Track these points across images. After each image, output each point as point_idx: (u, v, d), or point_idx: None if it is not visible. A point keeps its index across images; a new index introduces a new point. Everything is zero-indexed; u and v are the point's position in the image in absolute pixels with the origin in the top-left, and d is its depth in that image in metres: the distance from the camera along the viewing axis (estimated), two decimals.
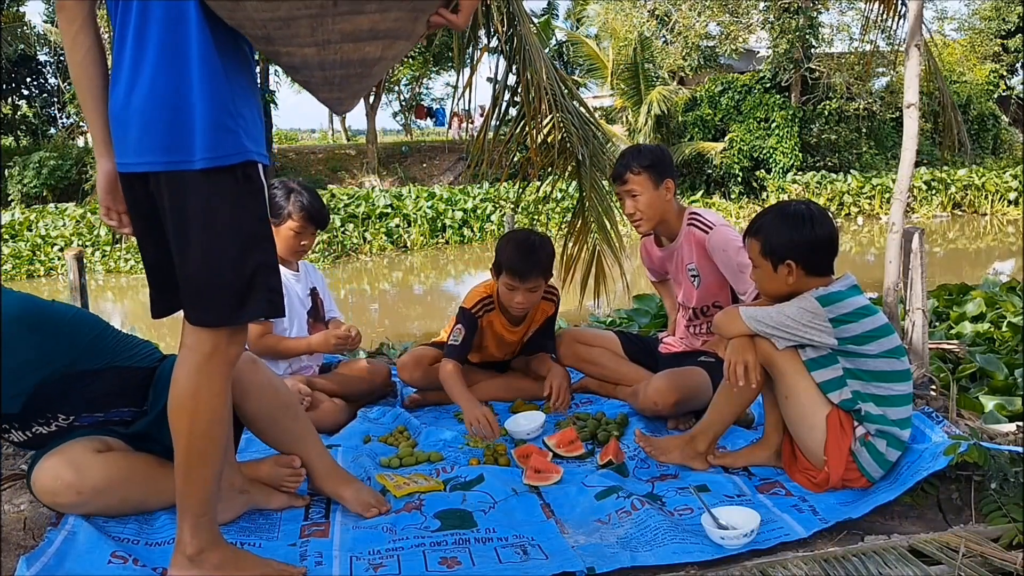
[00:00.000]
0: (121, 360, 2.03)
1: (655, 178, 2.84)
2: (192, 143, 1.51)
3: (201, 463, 1.69)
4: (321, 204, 3.04)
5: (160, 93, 1.51)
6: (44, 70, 23.23)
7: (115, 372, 2.01)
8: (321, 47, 1.46)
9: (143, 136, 1.54)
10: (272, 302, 1.64)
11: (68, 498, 1.95)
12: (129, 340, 2.09)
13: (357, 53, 1.48)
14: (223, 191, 1.55)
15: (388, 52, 1.52)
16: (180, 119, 1.51)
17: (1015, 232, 15.47)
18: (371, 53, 1.49)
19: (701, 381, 2.77)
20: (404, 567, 1.86)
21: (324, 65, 1.49)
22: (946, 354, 3.84)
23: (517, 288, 2.92)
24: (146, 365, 2.08)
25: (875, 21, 4.46)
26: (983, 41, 21.14)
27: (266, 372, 2.12)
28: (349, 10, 1.43)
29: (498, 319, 3.12)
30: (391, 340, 5.65)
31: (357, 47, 1.47)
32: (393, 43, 1.51)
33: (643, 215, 2.88)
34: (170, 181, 1.54)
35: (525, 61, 4.17)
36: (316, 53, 1.47)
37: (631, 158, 2.86)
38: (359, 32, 1.45)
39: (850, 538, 1.98)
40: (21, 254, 13.27)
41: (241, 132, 1.55)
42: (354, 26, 1.44)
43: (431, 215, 15.32)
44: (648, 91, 17.75)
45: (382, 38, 1.48)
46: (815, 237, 2.20)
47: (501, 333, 3.15)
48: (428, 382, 3.14)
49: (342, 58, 1.48)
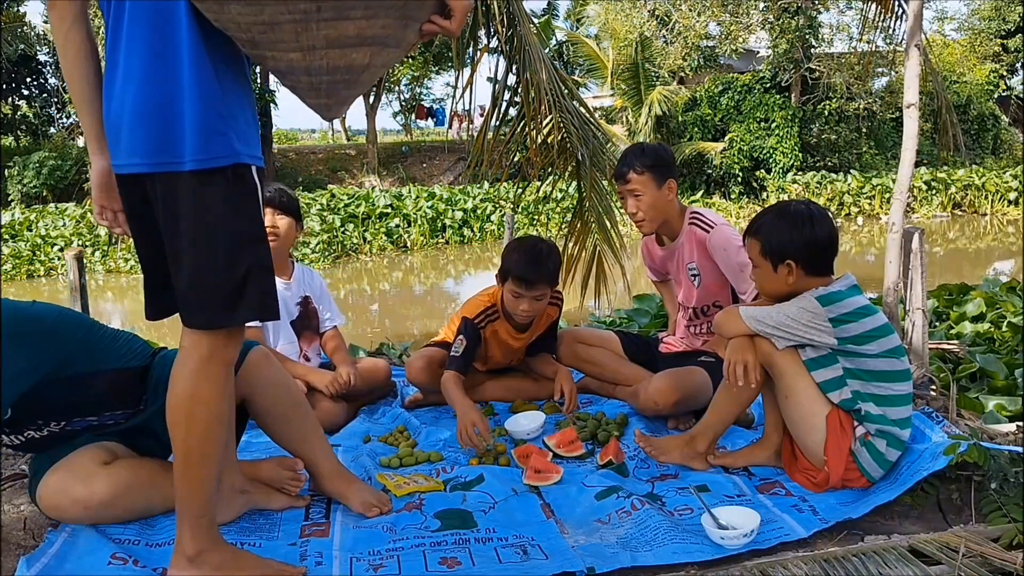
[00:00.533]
0: (112, 361, 2.00)
1: (658, 178, 2.84)
2: (182, 145, 1.51)
3: (200, 464, 1.69)
4: (283, 189, 3.04)
5: (151, 95, 1.51)
6: (44, 70, 23.22)
7: (106, 375, 1.99)
8: (306, 52, 1.43)
9: (135, 138, 1.54)
10: (265, 304, 1.64)
11: (75, 514, 1.95)
12: (119, 338, 2.06)
13: (343, 60, 1.45)
14: (214, 193, 1.55)
15: (377, 59, 1.49)
16: (170, 121, 1.51)
17: (1015, 232, 15.47)
18: (358, 60, 1.46)
19: (701, 381, 2.77)
20: (404, 567, 1.86)
21: (310, 70, 1.46)
22: (946, 354, 3.84)
23: (523, 296, 2.90)
24: (137, 365, 2.05)
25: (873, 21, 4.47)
26: (983, 41, 21.14)
27: (278, 368, 2.12)
28: (334, 16, 1.40)
29: (503, 327, 3.09)
30: (391, 340, 5.65)
31: (343, 53, 1.44)
32: (382, 50, 1.48)
33: (646, 215, 2.87)
34: (162, 182, 1.55)
35: (525, 61, 4.17)
36: (302, 58, 1.44)
37: (633, 158, 2.86)
38: (345, 38, 1.43)
39: (850, 538, 1.98)
40: (21, 254, 13.27)
41: (232, 134, 1.54)
42: (340, 32, 1.41)
43: (431, 215, 15.31)
44: (648, 91, 17.75)
45: (369, 45, 1.45)
46: (815, 237, 2.20)
47: (506, 341, 3.12)
48: (435, 384, 3.09)
49: (328, 64, 1.45)
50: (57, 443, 2.03)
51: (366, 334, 8.43)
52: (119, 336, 2.08)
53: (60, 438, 2.02)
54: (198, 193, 1.53)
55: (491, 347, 3.14)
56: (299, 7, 1.38)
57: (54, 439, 2.02)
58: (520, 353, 3.23)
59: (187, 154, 1.51)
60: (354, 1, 1.40)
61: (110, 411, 2.05)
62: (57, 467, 1.97)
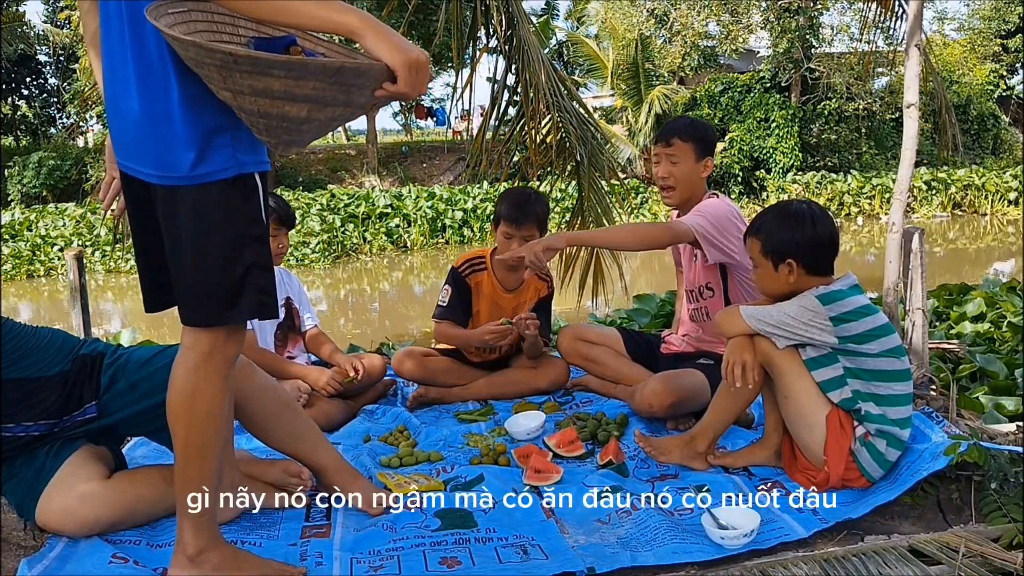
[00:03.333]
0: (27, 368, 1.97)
1: (699, 151, 2.87)
2: (180, 159, 1.52)
3: (200, 463, 1.69)
4: (286, 204, 3.10)
5: (147, 110, 1.52)
6: (44, 70, 23.25)
7: (23, 382, 1.96)
8: (236, 95, 1.41)
9: (137, 147, 1.56)
10: (264, 303, 1.64)
11: (82, 534, 1.93)
12: (35, 341, 2.01)
13: (276, 109, 1.41)
14: (214, 201, 1.55)
15: (319, 115, 1.44)
16: (166, 136, 1.52)
17: (1015, 232, 15.47)
18: (293, 112, 1.42)
19: (698, 383, 2.76)
20: (404, 567, 1.86)
21: (243, 110, 1.44)
22: (946, 354, 3.83)
23: (513, 236, 3.03)
24: (55, 372, 2.00)
25: (873, 21, 4.47)
26: (983, 41, 21.14)
27: (261, 374, 2.11)
28: (253, 70, 1.36)
29: (488, 280, 3.18)
30: (391, 340, 5.64)
31: (274, 103, 1.40)
32: (323, 108, 1.42)
33: (676, 183, 2.89)
34: (162, 192, 1.56)
35: (524, 61, 4.17)
36: (232, 98, 1.42)
37: (682, 125, 2.90)
38: (271, 91, 1.38)
39: (850, 538, 1.98)
40: (21, 254, 13.27)
41: (232, 145, 1.55)
42: (264, 85, 1.38)
43: (431, 215, 15.31)
44: (648, 91, 17.75)
45: (303, 101, 1.40)
46: (816, 236, 2.20)
47: (492, 296, 3.19)
48: (422, 373, 3.20)
49: (259, 109, 1.42)
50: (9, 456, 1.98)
51: (366, 334, 8.42)
52: (39, 339, 2.03)
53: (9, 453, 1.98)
54: (198, 203, 1.54)
55: (478, 300, 3.21)
56: (217, 56, 1.36)
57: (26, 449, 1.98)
58: (509, 317, 3.18)
59: (186, 169, 1.52)
60: (274, 66, 1.36)
61: (36, 420, 1.98)
62: (54, 490, 1.94)
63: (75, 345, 2.08)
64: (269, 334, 3.11)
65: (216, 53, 1.36)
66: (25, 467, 1.99)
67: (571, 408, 3.09)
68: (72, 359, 2.04)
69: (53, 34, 21.23)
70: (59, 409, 2.01)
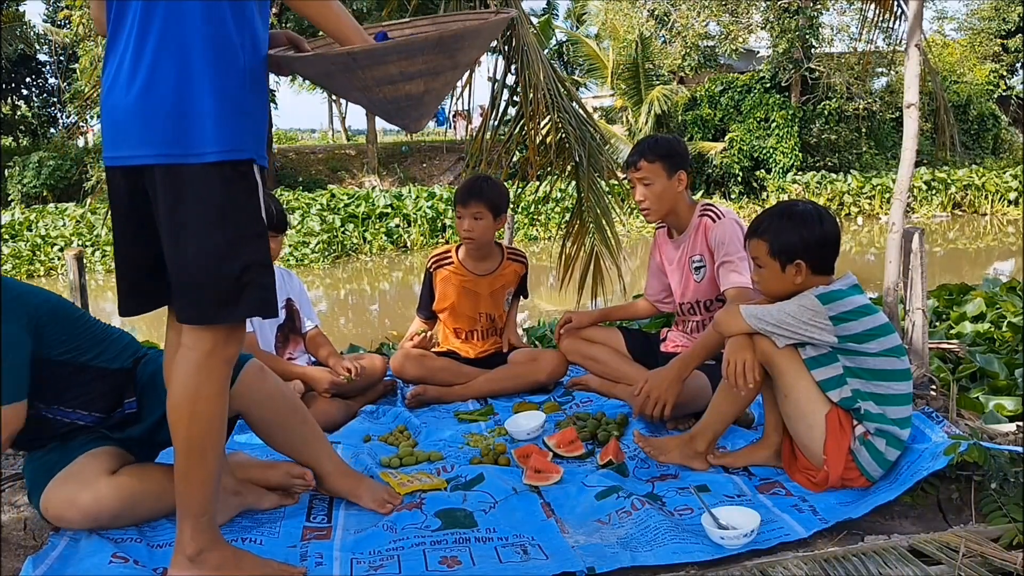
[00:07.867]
0: (93, 356, 2.01)
1: (668, 168, 2.88)
2: (194, 137, 1.53)
3: (201, 463, 1.69)
4: (280, 206, 3.09)
5: (162, 88, 1.52)
6: (44, 70, 23.24)
7: (86, 369, 1.99)
8: (364, 91, 1.61)
9: (144, 129, 1.55)
10: (264, 300, 1.64)
11: (81, 524, 1.93)
12: (108, 335, 2.06)
13: (398, 92, 1.61)
14: (219, 186, 1.56)
15: (433, 84, 1.63)
16: (184, 113, 1.53)
17: (1015, 232, 15.47)
18: (412, 90, 1.62)
19: (697, 384, 2.76)
20: (404, 566, 1.86)
21: (374, 103, 1.65)
22: (946, 354, 3.83)
23: (463, 216, 3.24)
24: (118, 366, 2.05)
25: (873, 21, 4.47)
26: (983, 41, 21.15)
27: (273, 379, 2.10)
28: (371, 63, 1.56)
29: (457, 271, 3.37)
30: (391, 340, 5.64)
31: (395, 87, 1.60)
32: (435, 77, 1.63)
33: (651, 204, 2.91)
34: (167, 174, 1.55)
35: (524, 61, 4.17)
36: (363, 95, 1.63)
37: (647, 146, 2.92)
38: (390, 77, 1.58)
39: (850, 538, 1.98)
40: (21, 254, 13.26)
41: (246, 130, 1.58)
42: (383, 73, 1.58)
43: (431, 215, 15.31)
44: (648, 91, 17.75)
45: (418, 77, 1.60)
46: (825, 235, 2.21)
47: (461, 285, 3.35)
48: (421, 372, 3.26)
49: (385, 97, 1.62)
50: (45, 440, 2.01)
51: (366, 334, 8.42)
52: (109, 333, 2.08)
53: (49, 436, 2.01)
54: (204, 186, 1.55)
55: (453, 291, 3.36)
56: (340, 61, 1.58)
57: (41, 434, 2.00)
58: (493, 307, 3.40)
59: (202, 146, 1.53)
60: (388, 52, 1.56)
61: (89, 409, 2.03)
62: (62, 477, 1.95)
63: (138, 347, 2.14)
64: (270, 336, 3.11)
65: (339, 57, 1.58)
66: (54, 452, 2.01)
67: (571, 408, 3.09)
68: (133, 359, 2.10)
69: (53, 34, 21.23)
70: (110, 405, 2.05)
